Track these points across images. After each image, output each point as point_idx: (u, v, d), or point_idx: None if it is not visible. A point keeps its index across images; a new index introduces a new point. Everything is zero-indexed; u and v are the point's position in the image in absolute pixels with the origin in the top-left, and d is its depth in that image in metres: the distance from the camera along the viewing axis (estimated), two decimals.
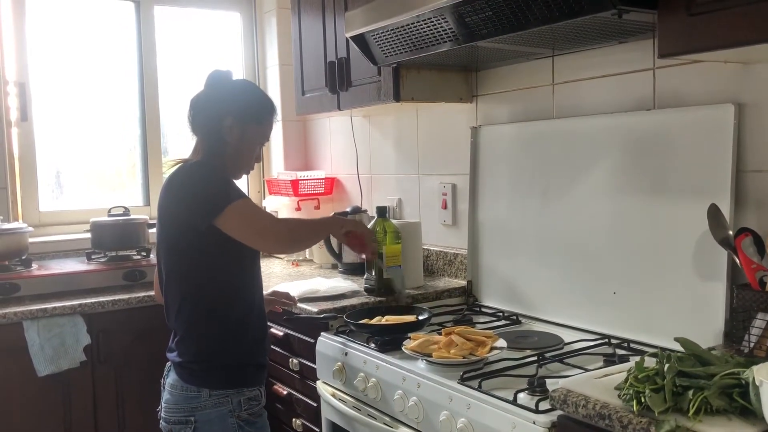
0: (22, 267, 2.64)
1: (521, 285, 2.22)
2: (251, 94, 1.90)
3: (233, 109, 1.82)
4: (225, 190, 1.75)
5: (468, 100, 2.49)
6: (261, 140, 1.91)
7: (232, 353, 1.79)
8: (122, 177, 3.37)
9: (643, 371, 1.24)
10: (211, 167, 1.79)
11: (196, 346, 1.78)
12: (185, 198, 1.75)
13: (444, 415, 1.57)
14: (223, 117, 1.81)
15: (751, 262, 1.53)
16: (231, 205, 1.72)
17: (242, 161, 1.88)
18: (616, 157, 1.91)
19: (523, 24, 1.64)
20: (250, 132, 1.85)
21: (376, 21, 2.00)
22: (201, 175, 1.77)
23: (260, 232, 1.77)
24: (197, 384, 1.75)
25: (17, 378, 2.34)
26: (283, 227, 1.89)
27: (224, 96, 1.84)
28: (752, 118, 1.65)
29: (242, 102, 1.85)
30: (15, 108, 2.97)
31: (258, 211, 1.83)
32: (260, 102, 1.89)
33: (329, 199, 3.34)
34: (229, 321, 1.79)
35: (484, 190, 2.38)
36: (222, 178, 1.78)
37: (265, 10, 3.57)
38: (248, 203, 1.78)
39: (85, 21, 3.19)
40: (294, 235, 1.88)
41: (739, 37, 1.30)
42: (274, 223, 1.88)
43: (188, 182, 1.77)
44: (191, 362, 1.77)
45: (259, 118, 1.87)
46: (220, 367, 1.77)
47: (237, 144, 1.84)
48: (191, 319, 1.79)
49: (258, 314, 1.88)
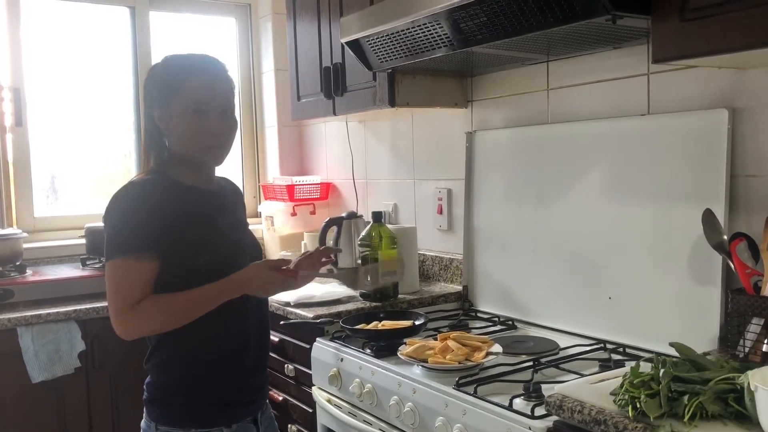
0: (16, 273, 2.63)
1: (517, 290, 2.22)
2: (158, 69, 1.61)
3: (154, 97, 1.58)
4: (122, 235, 1.50)
5: (463, 106, 2.49)
6: (191, 106, 1.55)
7: (181, 388, 1.58)
8: (117, 182, 3.35)
9: (638, 376, 1.24)
10: (137, 191, 1.54)
11: (150, 375, 1.62)
12: (104, 232, 1.56)
13: (440, 421, 1.56)
14: (151, 113, 1.59)
15: (746, 266, 1.54)
16: (109, 262, 1.51)
17: (189, 142, 1.57)
18: (610, 162, 1.92)
19: (517, 29, 1.65)
20: (174, 108, 1.56)
21: (372, 26, 2.00)
22: (115, 208, 1.53)
23: (110, 310, 1.53)
24: (149, 416, 1.60)
25: (11, 384, 2.33)
26: (133, 317, 1.51)
27: (146, 89, 1.61)
28: (746, 123, 1.65)
29: (154, 83, 1.59)
30: (10, 113, 2.96)
31: (120, 286, 1.50)
32: (173, 69, 1.58)
33: (325, 204, 3.34)
34: (180, 354, 1.58)
35: (479, 195, 2.38)
36: (136, 211, 1.51)
37: (261, 16, 3.57)
38: (119, 269, 1.49)
39: (80, 26, 3.18)
40: (151, 323, 1.54)
41: (732, 43, 1.31)
42: (122, 311, 1.51)
43: (107, 213, 1.55)
44: (145, 391, 1.62)
45: (174, 86, 1.55)
46: (166, 401, 1.59)
47: (173, 129, 1.57)
48: (150, 346, 1.63)
49: (235, 337, 1.62)
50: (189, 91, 1.55)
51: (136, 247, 1.49)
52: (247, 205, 3.62)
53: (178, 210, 1.55)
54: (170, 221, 1.52)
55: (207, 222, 1.60)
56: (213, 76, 1.60)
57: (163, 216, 1.52)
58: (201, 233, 1.57)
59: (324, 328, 2.12)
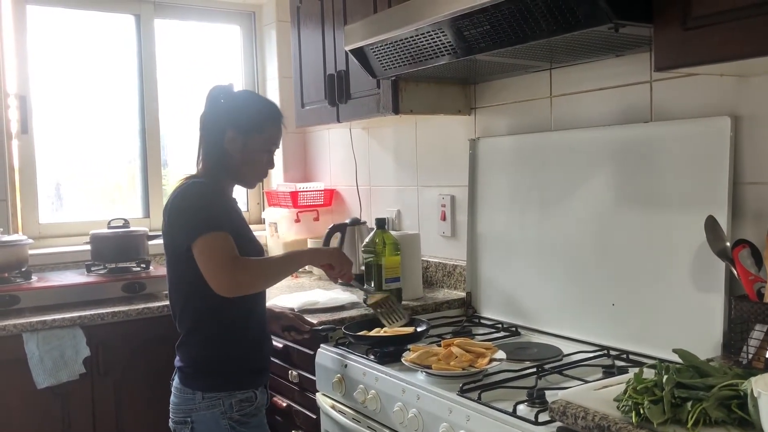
0: (21, 279, 2.64)
1: (520, 296, 2.23)
2: (250, 104, 1.93)
3: (233, 121, 1.87)
4: (206, 217, 1.76)
5: (466, 113, 2.50)
6: (266, 147, 1.92)
7: (225, 358, 1.86)
8: (122, 189, 3.38)
9: (641, 383, 1.24)
10: (206, 187, 1.83)
11: (192, 351, 1.87)
12: (175, 220, 1.81)
13: (443, 427, 1.57)
14: (224, 130, 1.87)
15: (749, 273, 1.54)
16: (201, 237, 1.73)
17: (251, 171, 1.92)
18: (613, 170, 1.92)
19: (521, 38, 1.66)
20: (252, 142, 1.88)
21: (375, 34, 2.01)
22: (192, 197, 1.81)
23: (214, 271, 1.73)
24: (192, 387, 1.83)
25: (17, 390, 2.34)
26: (241, 271, 1.74)
27: (224, 109, 1.89)
28: (749, 131, 1.66)
29: (242, 113, 1.89)
30: (15, 120, 2.97)
31: (222, 250, 1.74)
32: (260, 110, 1.92)
33: (328, 210, 3.35)
34: (223, 329, 1.85)
35: (482, 202, 2.39)
36: (211, 202, 1.81)
37: (265, 24, 3.59)
38: (217, 239, 1.74)
39: (86, 34, 3.20)
40: (254, 278, 1.78)
41: (733, 51, 1.31)
42: (231, 266, 1.73)
43: (178, 204, 1.81)
44: (187, 366, 1.86)
45: (260, 126, 1.89)
46: (212, 371, 1.84)
47: (241, 155, 1.88)
48: (188, 326, 1.87)
49: (257, 321, 1.94)
50: (269, 136, 1.91)
51: (221, 226, 1.76)
52: (251, 211, 3.65)
53: (232, 209, 1.90)
54: (230, 216, 1.84)
55: (245, 225, 1.96)
56: (282, 124, 1.95)
57: (227, 209, 1.86)
58: (244, 232, 1.90)
59: (328, 334, 2.13)
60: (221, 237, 1.75)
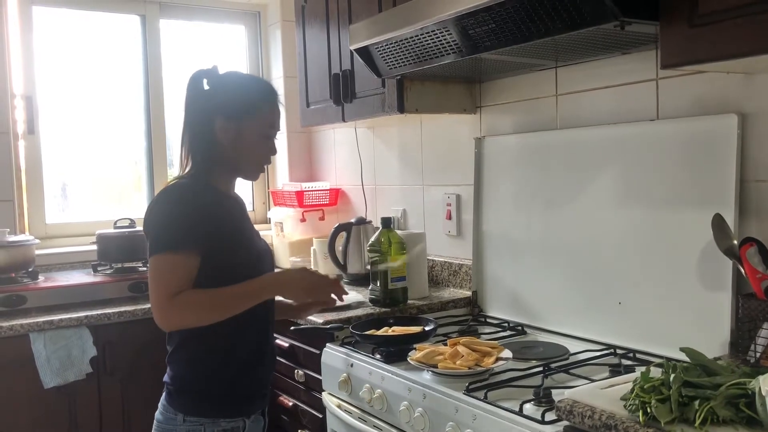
0: (28, 279, 2.65)
1: (526, 295, 2.22)
2: (239, 85, 1.70)
3: (221, 107, 1.64)
4: (164, 234, 1.55)
5: (472, 111, 2.50)
6: (264, 132, 1.68)
7: (210, 380, 1.65)
8: (128, 189, 3.39)
9: (648, 381, 1.24)
10: (182, 194, 1.62)
11: (177, 367, 1.68)
12: (145, 231, 1.62)
13: (450, 426, 1.57)
14: (212, 119, 1.64)
15: (756, 271, 1.53)
16: (153, 257, 1.55)
17: (250, 161, 1.70)
18: (619, 168, 1.92)
19: (526, 36, 1.65)
20: (247, 128, 1.65)
21: (380, 34, 2.01)
22: (159, 209, 1.60)
23: (152, 302, 1.55)
24: (174, 407, 1.64)
25: (24, 390, 2.35)
26: (176, 309, 1.53)
27: (210, 95, 1.67)
28: (756, 128, 1.65)
29: (230, 97, 1.66)
30: (22, 121, 2.99)
31: (161, 281, 1.53)
32: (249, 91, 1.68)
33: (334, 210, 3.35)
34: (207, 348, 1.64)
35: (488, 201, 2.38)
36: (180, 213, 1.57)
37: (270, 23, 3.59)
38: (166, 263, 1.53)
39: (92, 34, 3.21)
40: (194, 315, 1.56)
41: (740, 48, 1.31)
42: (166, 304, 1.52)
43: (146, 215, 1.62)
44: (171, 383, 1.67)
45: (253, 108, 1.65)
46: (197, 393, 1.65)
47: (235, 144, 1.65)
48: (176, 341, 1.68)
49: (249, 342, 1.70)
50: (264, 119, 1.67)
51: (181, 244, 1.55)
52: (257, 211, 3.65)
53: (218, 213, 1.63)
54: (211, 223, 1.59)
55: (239, 226, 1.71)
56: (278, 103, 1.73)
57: (205, 217, 1.59)
58: (236, 236, 1.67)
59: (334, 333, 2.13)
60: (171, 262, 1.53)
